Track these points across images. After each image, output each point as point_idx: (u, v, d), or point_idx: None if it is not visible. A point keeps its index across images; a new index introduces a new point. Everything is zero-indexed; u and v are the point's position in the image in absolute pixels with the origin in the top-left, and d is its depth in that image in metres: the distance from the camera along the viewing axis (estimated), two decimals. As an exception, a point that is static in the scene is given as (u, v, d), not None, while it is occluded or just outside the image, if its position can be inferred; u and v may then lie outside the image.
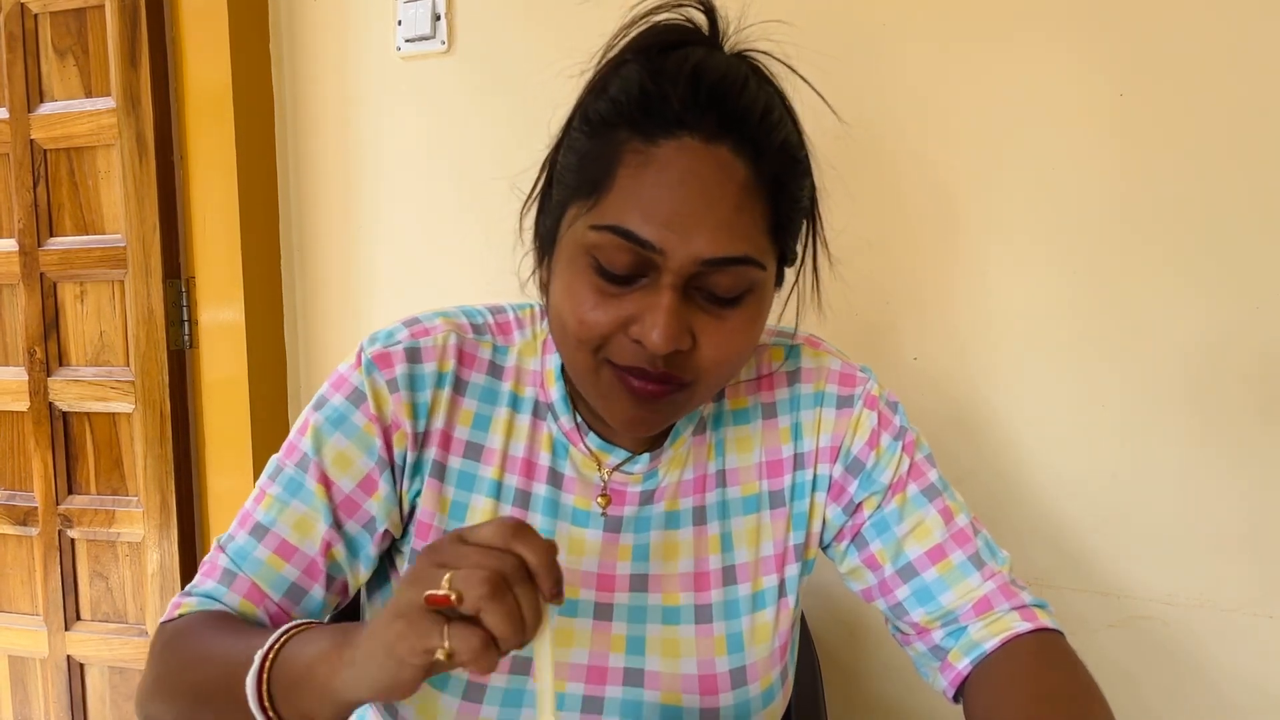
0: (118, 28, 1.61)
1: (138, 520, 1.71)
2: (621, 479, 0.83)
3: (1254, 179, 1.08)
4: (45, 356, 1.74)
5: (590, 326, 0.72)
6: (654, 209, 0.70)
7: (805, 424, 0.86)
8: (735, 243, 0.71)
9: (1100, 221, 1.15)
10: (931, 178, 1.23)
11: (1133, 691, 1.18)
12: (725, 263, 0.71)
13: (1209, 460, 1.13)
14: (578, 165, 0.74)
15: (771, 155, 0.73)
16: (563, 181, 0.76)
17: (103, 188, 1.69)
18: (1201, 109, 1.10)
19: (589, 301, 0.72)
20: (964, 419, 1.24)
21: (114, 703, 1.78)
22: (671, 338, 0.70)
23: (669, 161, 0.70)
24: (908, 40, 1.23)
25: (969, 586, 0.84)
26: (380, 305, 1.61)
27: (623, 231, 0.70)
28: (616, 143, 0.72)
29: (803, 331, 0.91)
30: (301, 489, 0.80)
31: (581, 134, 0.75)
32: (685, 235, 0.69)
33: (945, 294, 1.24)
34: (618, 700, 0.80)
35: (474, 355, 0.84)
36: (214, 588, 0.79)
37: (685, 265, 0.70)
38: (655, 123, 0.70)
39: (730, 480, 0.85)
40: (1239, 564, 1.12)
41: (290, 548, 0.79)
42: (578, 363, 0.75)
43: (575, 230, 0.74)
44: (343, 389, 0.81)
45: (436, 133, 1.53)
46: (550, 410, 0.84)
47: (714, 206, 0.70)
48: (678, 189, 0.70)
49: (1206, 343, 1.12)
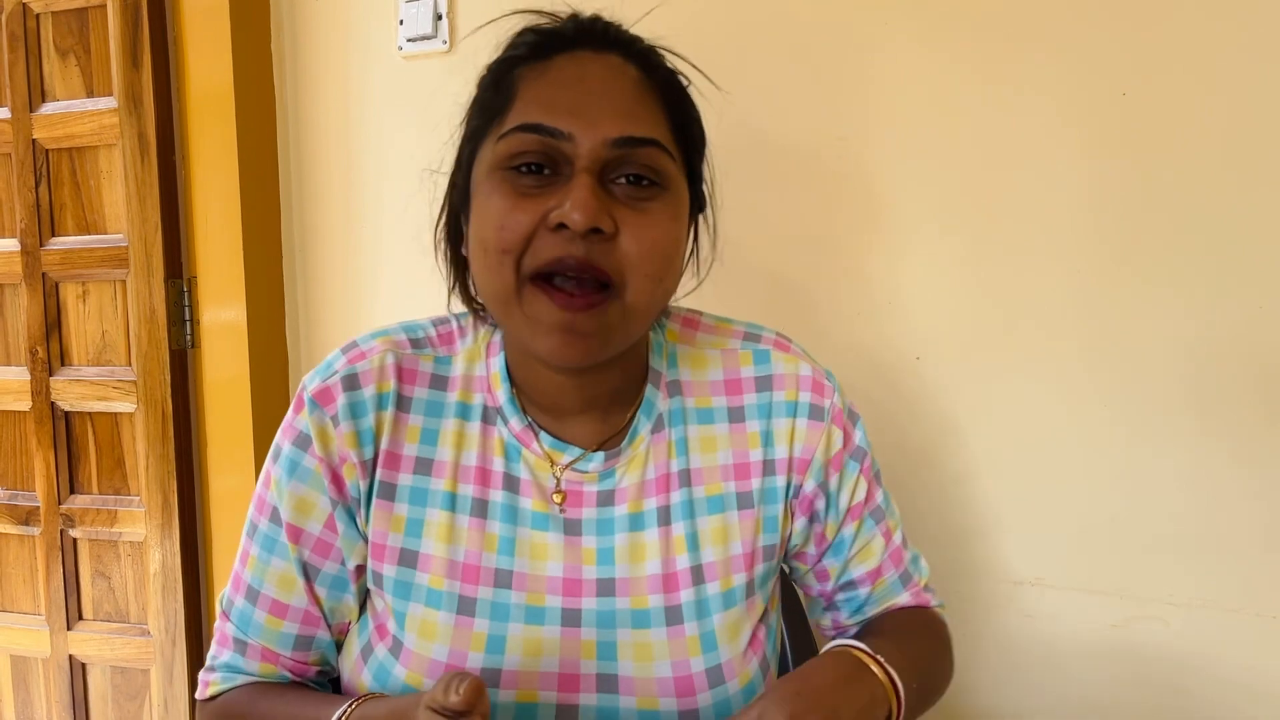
0: (119, 27, 1.61)
1: (139, 520, 1.71)
2: (575, 478, 0.82)
3: (1257, 179, 1.08)
4: (47, 356, 1.74)
5: (510, 230, 0.73)
6: (556, 102, 0.74)
7: (778, 431, 0.86)
8: (639, 125, 0.74)
9: (1103, 221, 1.15)
10: (933, 178, 1.23)
11: (1135, 691, 1.18)
12: (633, 142, 0.73)
13: (1211, 460, 1.13)
14: (478, 111, 0.80)
15: (661, 72, 0.79)
16: (466, 138, 0.81)
17: (104, 187, 1.69)
18: (1203, 109, 1.10)
19: (505, 206, 0.73)
20: (965, 419, 1.24)
21: (116, 702, 1.78)
22: (591, 212, 0.70)
23: (563, 67, 0.76)
24: (908, 40, 1.22)
25: (893, 599, 0.93)
26: (382, 305, 1.61)
27: (530, 126, 0.73)
28: (513, 72, 0.78)
29: (770, 332, 0.90)
30: (276, 544, 0.82)
31: (477, 95, 0.81)
32: (590, 120, 0.73)
33: (947, 293, 1.23)
34: (593, 708, 0.79)
35: (414, 370, 0.83)
36: (232, 658, 0.84)
37: (596, 148, 0.73)
38: (548, 48, 0.77)
39: (695, 480, 0.84)
40: (1241, 564, 1.12)
41: (282, 605, 0.82)
42: (501, 289, 0.75)
43: (484, 158, 0.77)
44: (289, 435, 0.82)
45: (438, 132, 1.53)
46: (499, 414, 0.83)
47: (612, 96, 0.75)
48: (576, 85, 0.75)
49: (1209, 342, 1.12)
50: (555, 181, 0.74)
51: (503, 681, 0.77)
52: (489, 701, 0.65)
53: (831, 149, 1.27)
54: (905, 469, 1.27)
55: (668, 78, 0.79)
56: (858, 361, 1.28)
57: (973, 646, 1.26)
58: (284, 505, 0.81)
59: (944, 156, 1.22)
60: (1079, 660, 1.20)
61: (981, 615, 1.25)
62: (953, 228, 1.22)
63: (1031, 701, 1.23)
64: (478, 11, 1.48)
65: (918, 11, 1.22)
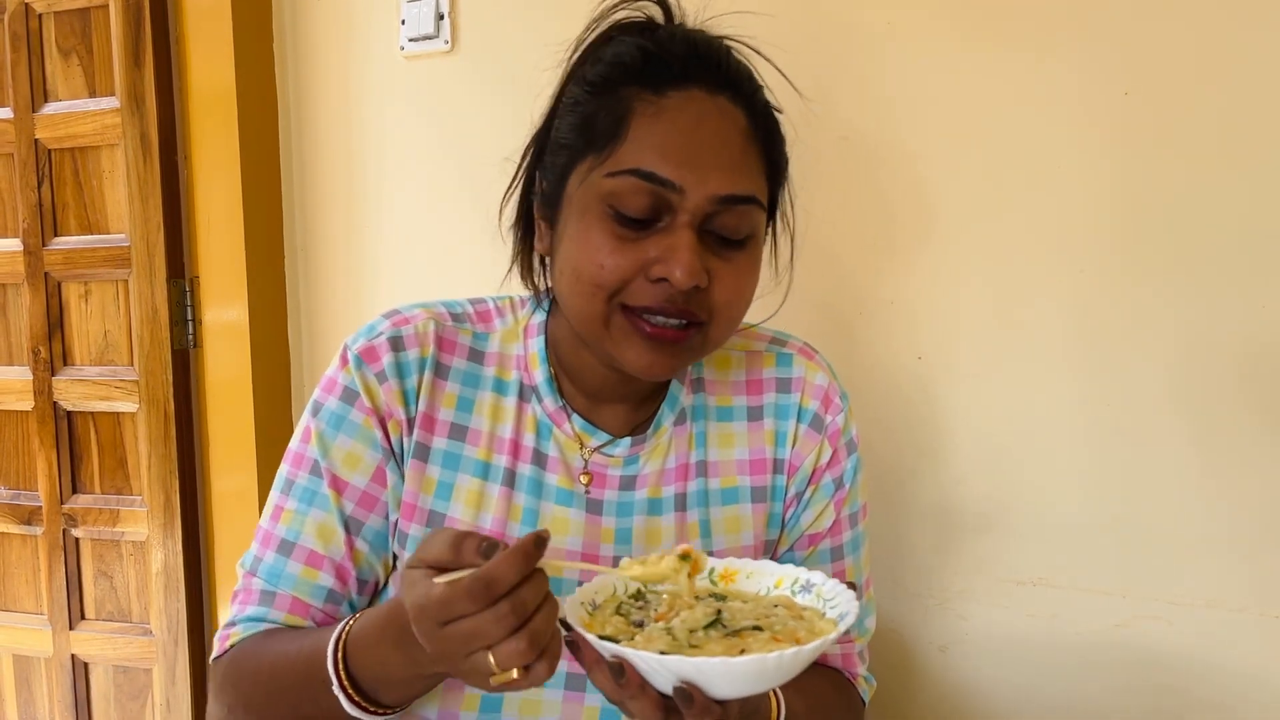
0: (121, 27, 1.62)
1: (142, 519, 1.71)
2: (602, 460, 0.86)
3: (1258, 178, 1.08)
4: (49, 356, 1.74)
5: (609, 271, 0.75)
6: (670, 151, 0.75)
7: (788, 433, 0.89)
8: (744, 181, 0.77)
9: (1105, 221, 1.15)
10: (934, 178, 1.23)
11: (1136, 691, 1.18)
12: (736, 200, 0.77)
13: (1214, 460, 1.12)
14: (581, 124, 0.79)
15: (760, 109, 0.81)
16: (564, 144, 0.80)
17: (107, 187, 1.69)
18: (1205, 109, 1.10)
19: (607, 247, 0.76)
20: (965, 419, 1.24)
21: (118, 702, 1.78)
22: (695, 273, 0.74)
23: (680, 109, 0.76)
24: (908, 40, 1.22)
25: None
26: (384, 304, 1.59)
27: (644, 174, 0.75)
28: (624, 98, 0.77)
29: (798, 340, 0.93)
30: (317, 496, 0.83)
31: (582, 96, 0.79)
32: (701, 174, 0.75)
33: (948, 293, 1.23)
34: None
35: (454, 341, 0.87)
36: (256, 610, 0.83)
37: (702, 204, 0.75)
38: (662, 77, 0.77)
39: (711, 472, 0.88)
40: (1243, 563, 1.12)
41: (319, 556, 0.82)
42: (590, 313, 0.78)
43: (589, 184, 0.77)
44: (334, 390, 0.84)
45: (440, 132, 1.53)
46: (535, 393, 0.86)
47: (724, 148, 0.77)
48: (692, 133, 0.76)
49: (1211, 342, 1.11)
50: (655, 227, 0.76)
51: None
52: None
53: (833, 149, 1.27)
54: (905, 469, 1.27)
55: (769, 121, 0.82)
56: (858, 361, 1.28)
57: (973, 646, 1.26)
58: (329, 458, 0.83)
59: (945, 157, 1.22)
60: (1080, 660, 1.20)
61: (981, 615, 1.25)
62: (954, 227, 1.22)
63: (1032, 701, 1.23)
64: (479, 11, 1.48)
65: (919, 13, 1.22)
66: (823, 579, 0.70)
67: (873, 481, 1.28)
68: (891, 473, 1.28)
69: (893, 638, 1.30)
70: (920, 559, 1.27)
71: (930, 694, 1.29)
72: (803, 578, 0.72)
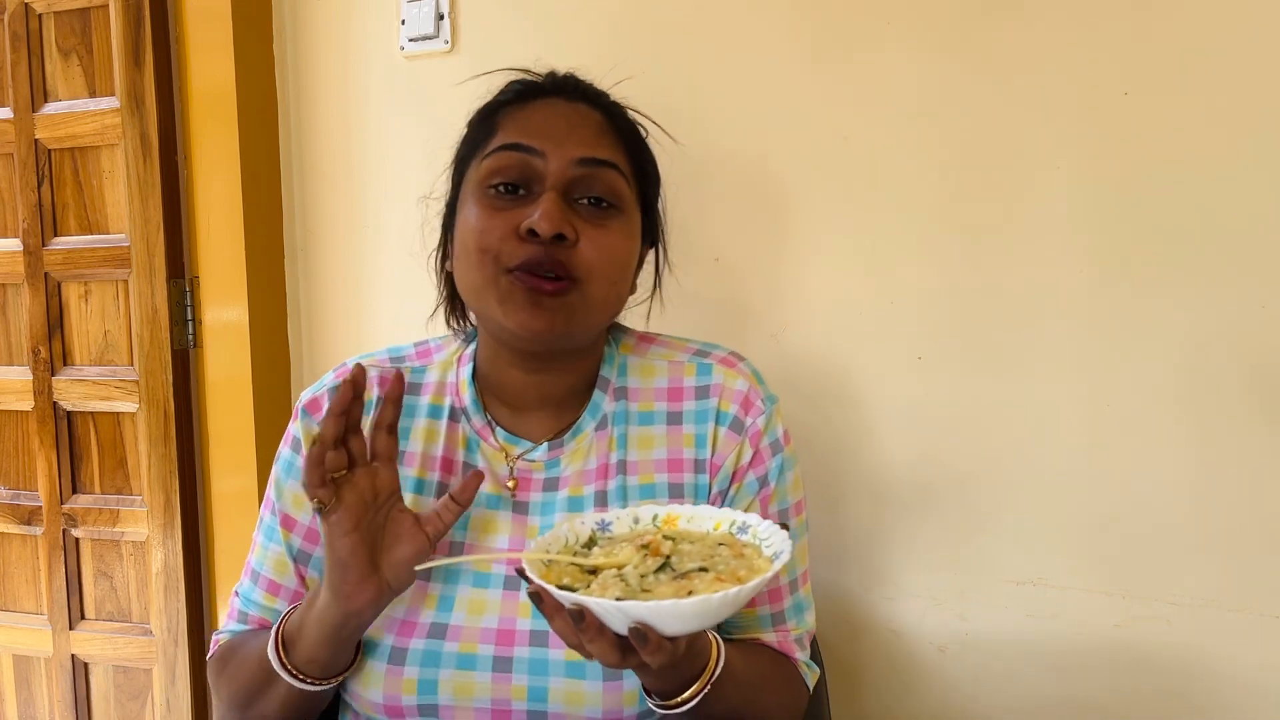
0: (121, 27, 1.62)
1: (142, 520, 1.71)
2: (526, 466, 0.95)
3: (1258, 178, 1.08)
4: (49, 356, 1.74)
5: (487, 233, 0.87)
6: (533, 127, 0.90)
7: (707, 435, 0.95)
8: (602, 149, 0.90)
9: (1105, 220, 1.15)
10: (934, 178, 1.23)
11: (1136, 691, 1.18)
12: (595, 163, 0.89)
13: (1214, 459, 1.13)
14: (466, 142, 0.95)
15: (622, 119, 0.95)
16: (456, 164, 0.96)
17: (107, 187, 1.69)
18: (1205, 108, 1.10)
19: (485, 216, 0.88)
20: (967, 418, 1.24)
21: (118, 702, 1.78)
22: (556, 221, 0.84)
23: (540, 107, 0.93)
24: (907, 38, 1.22)
25: (758, 633, 0.96)
26: (383, 305, 1.61)
27: (509, 145, 0.89)
28: (498, 112, 0.94)
29: (722, 350, 0.99)
30: (275, 533, 0.97)
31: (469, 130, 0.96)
32: (559, 142, 0.88)
33: (948, 293, 1.23)
34: (525, 659, 0.87)
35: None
36: (235, 626, 0.99)
37: (564, 166, 0.88)
38: (528, 95, 0.94)
39: (630, 470, 0.94)
40: (1243, 563, 1.12)
41: (277, 585, 0.97)
42: (479, 281, 0.88)
43: (470, 174, 0.92)
44: (287, 441, 0.98)
45: (440, 132, 1.53)
46: (464, 413, 0.97)
47: (580, 126, 0.91)
48: (551, 117, 0.91)
49: (1211, 341, 1.12)
50: (527, 199, 0.88)
51: (448, 635, 0.88)
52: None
53: (834, 149, 1.27)
54: (905, 469, 1.27)
55: (627, 125, 0.96)
56: (858, 361, 1.28)
57: (973, 646, 1.26)
58: (281, 500, 0.97)
59: (945, 156, 1.22)
60: (1079, 660, 1.20)
61: (981, 615, 1.25)
62: (954, 227, 1.22)
63: (1032, 701, 1.23)
64: (480, 12, 1.49)
65: (915, 10, 1.22)
66: (757, 520, 0.77)
67: (871, 481, 1.28)
68: (891, 473, 1.28)
69: (892, 637, 1.30)
70: (919, 559, 1.27)
71: (930, 694, 1.29)
72: (739, 519, 0.78)
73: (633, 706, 0.86)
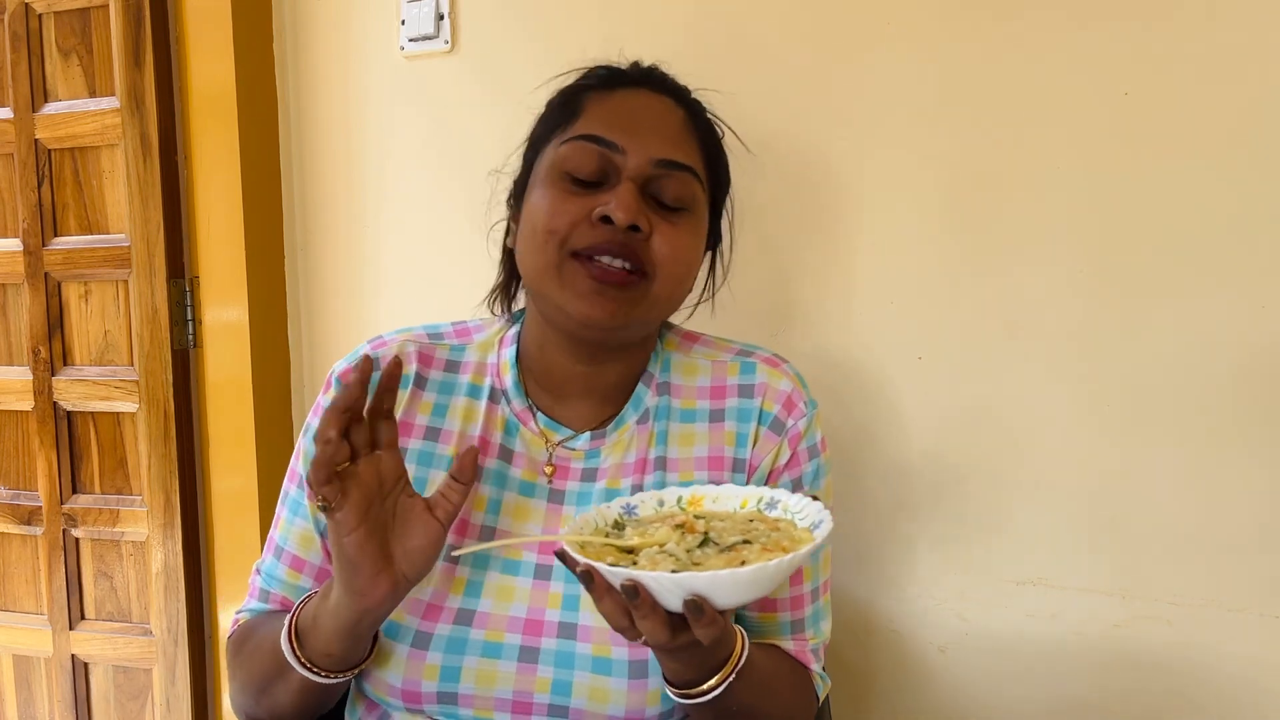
0: (121, 27, 1.62)
1: (142, 520, 1.71)
2: (565, 454, 0.93)
3: (1258, 178, 1.08)
4: (50, 356, 1.74)
5: (559, 217, 0.85)
6: (615, 121, 0.88)
7: (749, 434, 0.94)
8: (681, 153, 0.89)
9: (1105, 220, 1.15)
10: (934, 178, 1.23)
11: (1137, 692, 1.18)
12: (674, 166, 0.88)
13: (1215, 459, 1.13)
14: (546, 119, 0.93)
15: (702, 120, 0.94)
16: (532, 141, 0.93)
17: (107, 187, 1.69)
18: (1205, 108, 1.10)
19: (559, 200, 0.86)
20: (967, 418, 1.24)
21: (118, 702, 1.78)
22: (632, 211, 0.84)
23: (626, 97, 0.91)
24: (909, 40, 1.22)
25: (776, 638, 0.95)
26: (384, 305, 1.61)
27: (591, 137, 0.87)
28: (582, 96, 0.91)
29: (766, 351, 0.98)
30: (300, 507, 0.94)
31: (549, 106, 0.93)
32: (642, 140, 0.87)
33: (948, 293, 1.23)
34: (552, 651, 0.86)
35: (431, 356, 0.96)
36: (256, 605, 0.96)
37: (642, 165, 0.87)
38: (614, 83, 0.92)
39: (669, 467, 0.92)
40: (1244, 563, 1.12)
41: (301, 561, 0.94)
42: (544, 263, 0.86)
43: (546, 156, 0.90)
44: (316, 413, 0.95)
45: (440, 132, 1.53)
46: (504, 395, 0.95)
47: (663, 124, 0.89)
48: (635, 111, 0.89)
49: (1210, 341, 1.12)
50: (602, 187, 0.87)
51: (474, 622, 0.86)
52: None
53: (835, 149, 1.27)
54: (905, 469, 1.27)
55: (706, 125, 0.94)
56: (859, 361, 1.28)
57: (973, 646, 1.26)
58: None
59: (945, 156, 1.22)
60: (1080, 660, 1.20)
61: (982, 615, 1.25)
62: (954, 227, 1.22)
63: (1032, 701, 1.23)
64: (480, 12, 1.49)
65: (918, 12, 1.22)
66: (785, 495, 0.77)
67: (871, 481, 1.28)
68: (891, 473, 1.28)
69: (893, 638, 1.30)
70: (919, 559, 1.27)
71: (930, 694, 1.29)
72: (766, 495, 0.78)
73: (655, 706, 0.85)
